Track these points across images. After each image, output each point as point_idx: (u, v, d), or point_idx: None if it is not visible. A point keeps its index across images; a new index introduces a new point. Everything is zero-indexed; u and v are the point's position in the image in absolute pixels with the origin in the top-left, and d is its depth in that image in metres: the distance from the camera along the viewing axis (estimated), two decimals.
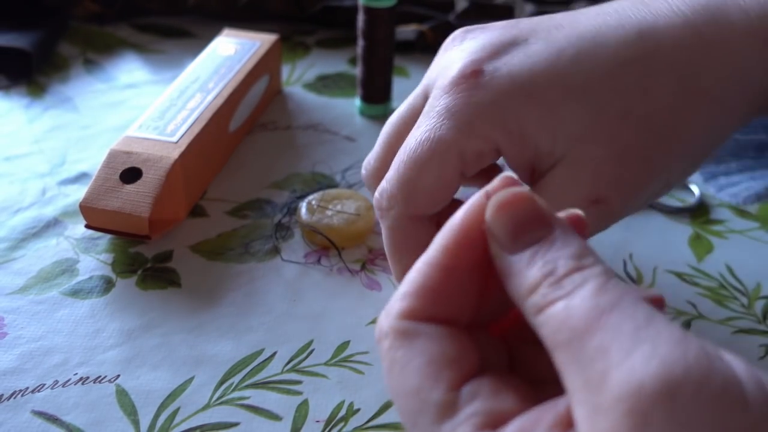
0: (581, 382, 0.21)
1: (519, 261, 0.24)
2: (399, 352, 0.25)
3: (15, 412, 0.34)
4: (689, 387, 0.19)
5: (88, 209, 0.42)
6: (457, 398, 0.23)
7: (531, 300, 0.23)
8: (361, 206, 0.44)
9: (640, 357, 0.19)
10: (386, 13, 0.51)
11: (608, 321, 0.21)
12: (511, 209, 0.24)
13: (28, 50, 0.57)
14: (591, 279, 0.22)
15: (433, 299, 0.25)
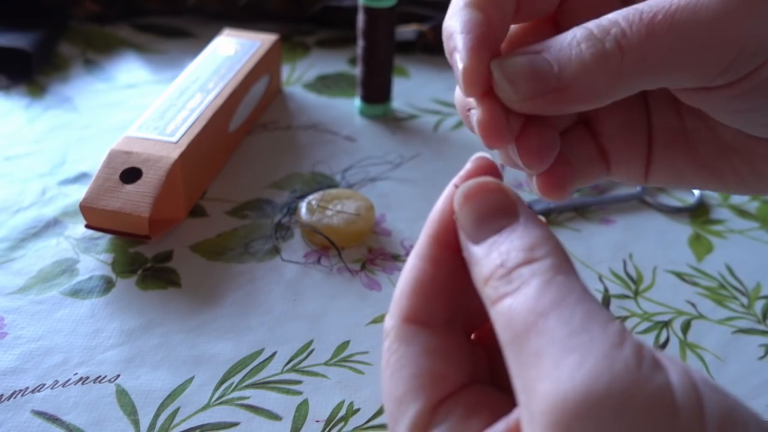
0: (521, 384, 0.21)
1: (479, 250, 0.24)
2: (393, 356, 0.25)
3: (15, 411, 0.34)
4: (613, 400, 0.18)
5: (89, 209, 0.42)
6: (432, 417, 0.24)
7: (485, 291, 0.23)
8: (361, 206, 0.44)
9: (567, 368, 0.19)
10: (386, 13, 0.51)
11: (544, 325, 0.20)
12: (476, 199, 0.24)
13: (28, 50, 0.57)
14: (537, 275, 0.22)
15: (430, 294, 0.25)
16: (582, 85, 0.25)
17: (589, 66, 0.25)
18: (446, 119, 0.56)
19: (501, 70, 0.26)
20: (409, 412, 0.24)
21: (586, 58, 0.25)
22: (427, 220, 0.26)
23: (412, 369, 0.24)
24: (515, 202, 0.24)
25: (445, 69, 0.61)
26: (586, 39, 0.25)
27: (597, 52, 0.25)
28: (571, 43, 0.25)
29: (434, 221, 0.26)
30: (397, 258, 0.43)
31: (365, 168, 0.50)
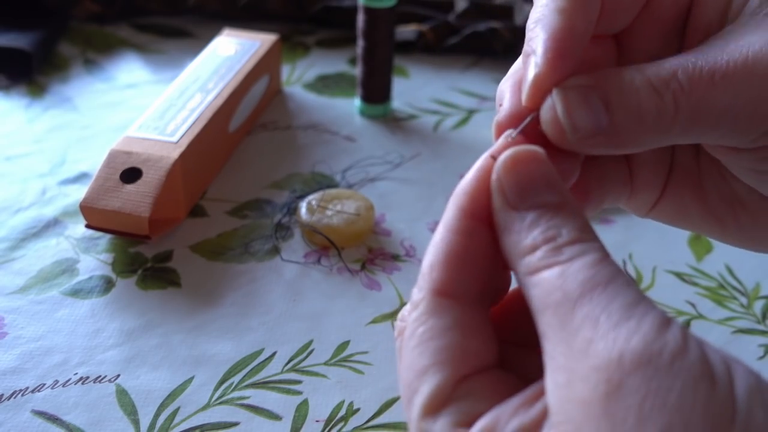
0: (564, 347, 0.21)
1: (522, 219, 0.24)
2: (421, 327, 0.25)
3: (15, 411, 0.34)
4: (664, 363, 0.20)
5: (89, 209, 0.42)
6: (451, 393, 0.24)
7: (526, 259, 0.23)
8: (361, 206, 0.44)
9: (624, 331, 0.20)
10: (386, 13, 0.51)
11: (602, 293, 0.21)
12: (526, 166, 0.24)
13: (28, 50, 0.57)
14: (591, 252, 0.23)
15: (462, 267, 0.25)
16: (631, 132, 0.25)
17: (644, 117, 0.25)
18: (446, 119, 0.56)
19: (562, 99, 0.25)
20: (431, 382, 0.24)
21: (643, 109, 0.25)
22: (454, 193, 0.26)
23: (441, 342, 0.24)
24: (561, 182, 0.25)
25: (445, 69, 0.61)
26: (645, 88, 0.25)
27: (654, 105, 0.25)
28: (629, 89, 0.25)
29: (465, 193, 0.26)
30: (397, 258, 0.43)
31: (365, 168, 0.50)
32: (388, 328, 0.39)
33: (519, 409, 0.22)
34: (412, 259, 0.43)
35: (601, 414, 0.20)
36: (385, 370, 0.37)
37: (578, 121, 0.25)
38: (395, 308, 0.40)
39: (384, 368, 0.37)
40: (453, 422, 0.23)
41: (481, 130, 0.55)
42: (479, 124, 0.55)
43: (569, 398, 0.21)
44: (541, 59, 0.26)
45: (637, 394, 0.19)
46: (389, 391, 0.36)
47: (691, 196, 0.32)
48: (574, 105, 0.25)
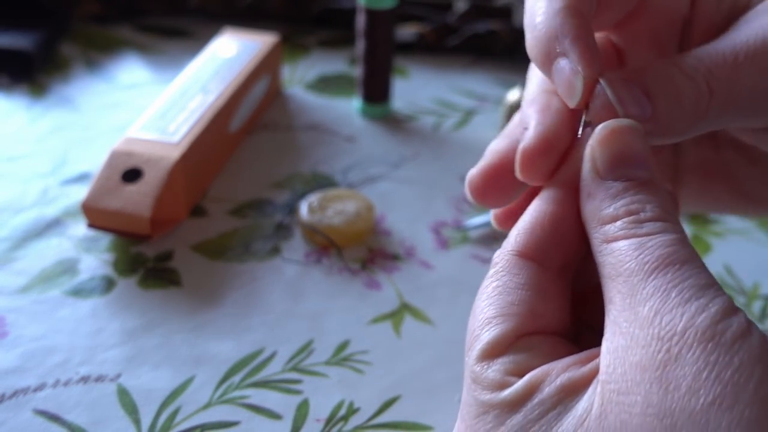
0: (629, 314, 0.22)
1: (609, 188, 0.24)
2: (495, 283, 0.26)
3: (17, 411, 0.34)
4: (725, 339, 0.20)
5: (90, 209, 0.42)
6: (511, 344, 0.24)
7: (605, 228, 0.24)
8: (361, 206, 0.45)
9: (692, 308, 0.21)
10: (386, 14, 0.51)
11: (677, 270, 0.22)
12: (621, 138, 0.25)
13: (29, 51, 0.57)
14: (671, 231, 0.23)
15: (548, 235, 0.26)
16: (673, 119, 0.25)
17: (683, 102, 0.25)
18: (446, 119, 0.56)
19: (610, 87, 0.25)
20: (493, 331, 0.24)
21: (681, 94, 0.25)
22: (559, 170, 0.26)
23: (511, 297, 0.25)
24: (652, 159, 0.25)
25: (445, 69, 0.61)
26: (679, 75, 0.25)
27: (690, 89, 0.25)
28: (665, 76, 0.25)
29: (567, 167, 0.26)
30: (397, 258, 0.44)
31: (365, 168, 0.50)
32: (389, 327, 0.39)
33: (571, 366, 0.23)
34: (412, 259, 0.44)
35: (654, 380, 0.20)
36: (385, 370, 0.37)
37: (630, 110, 0.25)
38: (395, 308, 0.41)
39: (384, 368, 0.37)
40: (505, 370, 0.24)
41: (481, 130, 0.55)
42: (479, 124, 0.55)
43: (625, 360, 0.21)
44: (579, 59, 0.25)
45: (695, 365, 0.20)
46: (389, 391, 0.36)
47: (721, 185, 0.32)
48: (623, 94, 0.25)
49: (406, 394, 0.36)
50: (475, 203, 0.30)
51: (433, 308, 0.41)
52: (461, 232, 0.46)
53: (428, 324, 0.40)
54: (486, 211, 0.47)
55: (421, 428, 0.34)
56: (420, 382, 0.36)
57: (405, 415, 0.35)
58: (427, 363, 0.37)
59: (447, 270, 0.43)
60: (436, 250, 0.44)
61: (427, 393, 0.36)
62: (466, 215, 0.47)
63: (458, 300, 0.41)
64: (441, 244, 0.45)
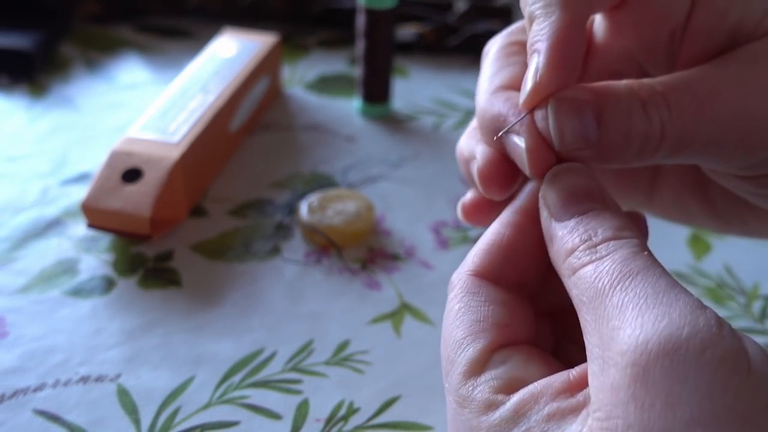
0: (597, 338, 0.22)
1: (563, 227, 0.25)
2: (457, 305, 0.26)
3: (16, 411, 0.34)
4: (693, 348, 0.20)
5: (90, 209, 0.42)
6: (488, 359, 0.25)
7: (567, 262, 0.24)
8: (361, 206, 0.45)
9: (651, 317, 0.21)
10: (386, 14, 0.51)
11: (630, 284, 0.22)
12: (566, 179, 0.26)
13: (29, 51, 0.57)
14: (624, 247, 0.23)
15: (504, 257, 0.27)
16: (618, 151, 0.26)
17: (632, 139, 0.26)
18: (446, 119, 0.56)
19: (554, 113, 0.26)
20: (467, 353, 0.25)
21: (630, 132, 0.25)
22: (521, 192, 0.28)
23: (474, 315, 0.26)
24: (601, 190, 0.26)
25: (445, 69, 0.61)
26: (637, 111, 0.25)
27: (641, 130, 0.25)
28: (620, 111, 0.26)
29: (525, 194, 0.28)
30: (397, 258, 0.44)
31: (365, 168, 0.50)
32: (389, 327, 0.39)
33: (560, 394, 0.23)
34: (412, 259, 0.44)
35: (629, 398, 0.20)
36: (385, 370, 0.37)
37: (567, 134, 0.26)
38: (395, 308, 0.41)
39: (384, 368, 0.37)
40: (491, 388, 0.24)
41: None
42: None
43: (602, 385, 0.21)
44: (543, 65, 0.26)
45: (666, 379, 0.19)
46: (389, 391, 0.36)
47: (693, 197, 0.33)
48: (568, 120, 0.26)
49: (406, 394, 0.36)
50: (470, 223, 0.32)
51: (433, 308, 0.41)
52: (461, 232, 0.46)
53: (428, 324, 0.40)
54: None
55: (421, 428, 0.34)
56: (420, 382, 0.36)
57: (405, 415, 0.35)
58: (427, 363, 0.37)
59: (447, 270, 0.43)
60: (436, 250, 0.44)
61: (427, 393, 0.36)
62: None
63: None
64: (441, 244, 0.45)
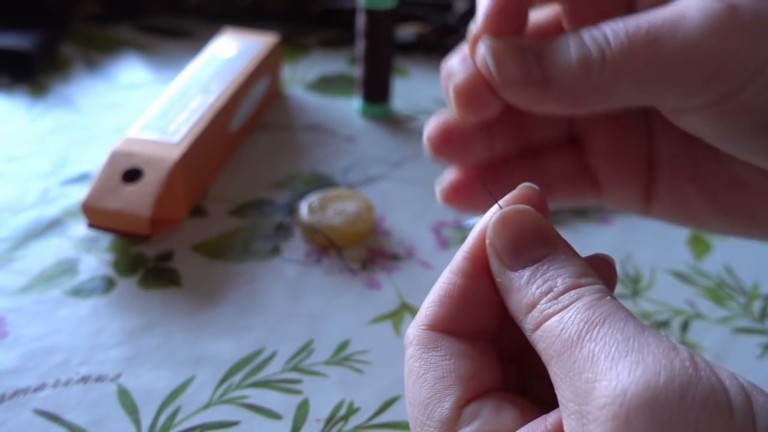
0: (571, 392, 0.21)
1: (520, 278, 0.24)
2: (417, 362, 0.25)
3: (17, 411, 0.34)
4: (673, 393, 0.19)
5: (90, 209, 0.42)
6: (459, 416, 0.24)
7: (530, 316, 0.23)
8: (361, 206, 0.45)
9: (626, 366, 0.20)
10: (386, 14, 0.51)
11: (599, 333, 0.21)
12: (514, 226, 0.25)
13: (29, 51, 0.57)
14: (587, 295, 0.22)
15: (458, 307, 0.26)
16: (564, 85, 0.26)
17: (573, 68, 0.26)
18: None
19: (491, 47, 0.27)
20: (436, 414, 0.24)
21: (571, 60, 0.26)
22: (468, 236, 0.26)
23: (437, 372, 0.25)
24: (553, 232, 0.25)
25: None
26: (575, 44, 0.26)
27: (581, 56, 0.26)
28: (561, 45, 0.26)
29: (472, 237, 0.26)
30: (397, 258, 0.44)
31: (365, 168, 0.50)
32: (389, 327, 0.39)
33: None
34: (412, 259, 0.44)
35: None
36: (385, 370, 0.37)
37: (508, 71, 0.26)
38: (395, 308, 0.41)
39: (384, 368, 0.37)
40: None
41: None
42: None
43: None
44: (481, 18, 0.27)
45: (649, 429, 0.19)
46: (389, 391, 0.36)
47: (693, 187, 0.32)
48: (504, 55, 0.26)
49: None
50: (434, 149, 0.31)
51: None
52: (461, 232, 0.46)
53: None
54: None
55: None
56: None
57: (405, 415, 0.35)
58: None
59: None
60: (436, 250, 0.44)
61: None
62: (466, 215, 0.47)
63: None
64: (441, 244, 0.45)
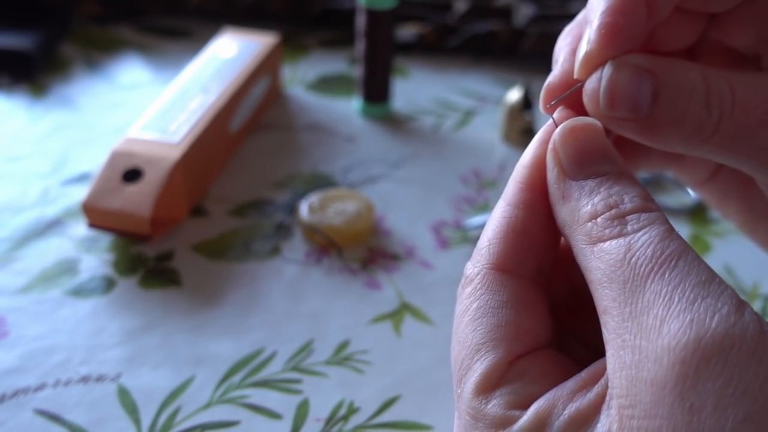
0: (632, 324, 0.20)
1: (582, 186, 0.23)
2: (476, 302, 0.24)
3: (17, 411, 0.34)
4: (745, 346, 0.19)
5: (91, 209, 0.42)
6: (506, 372, 0.23)
7: (587, 227, 0.22)
8: (361, 206, 0.45)
9: (702, 311, 0.19)
10: (386, 14, 0.51)
11: (674, 269, 0.20)
12: (583, 135, 0.24)
13: (30, 51, 0.57)
14: (657, 223, 0.22)
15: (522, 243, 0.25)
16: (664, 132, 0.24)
17: (683, 124, 0.24)
18: (446, 119, 0.56)
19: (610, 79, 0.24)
20: (486, 361, 0.23)
21: (687, 115, 0.23)
22: (516, 166, 0.25)
23: (496, 318, 0.24)
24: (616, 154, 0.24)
25: (445, 69, 0.61)
26: (699, 95, 0.23)
27: (698, 116, 0.23)
28: (685, 88, 0.23)
29: (524, 166, 0.25)
30: (397, 258, 0.44)
31: (365, 168, 0.50)
32: (389, 327, 0.39)
33: (576, 393, 0.22)
34: (412, 259, 0.44)
35: (675, 398, 0.19)
36: (385, 370, 0.37)
37: (618, 99, 0.24)
38: (395, 308, 0.41)
39: (384, 368, 0.37)
40: (506, 403, 0.23)
41: (481, 130, 0.55)
42: (479, 124, 0.55)
43: (638, 378, 0.20)
44: (595, 35, 0.24)
45: (718, 379, 0.18)
46: (389, 390, 0.36)
47: (736, 191, 0.31)
48: (623, 83, 0.24)
49: (406, 394, 0.36)
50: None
51: (433, 308, 0.41)
52: (461, 232, 0.46)
53: (428, 324, 0.40)
54: (486, 211, 0.47)
55: (421, 428, 0.34)
56: (420, 382, 0.36)
57: (405, 415, 0.35)
58: (427, 363, 0.37)
59: (447, 270, 0.43)
60: (436, 250, 0.44)
61: (427, 393, 0.36)
62: (466, 215, 0.47)
63: None
64: (441, 244, 0.45)
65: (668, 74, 0.24)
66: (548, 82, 0.27)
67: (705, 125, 0.24)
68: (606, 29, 0.24)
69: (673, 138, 0.24)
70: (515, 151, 0.53)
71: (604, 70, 0.24)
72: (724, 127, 0.24)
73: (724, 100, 0.24)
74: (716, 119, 0.24)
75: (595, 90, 0.24)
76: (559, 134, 0.24)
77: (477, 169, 0.51)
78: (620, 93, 0.24)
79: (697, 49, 0.29)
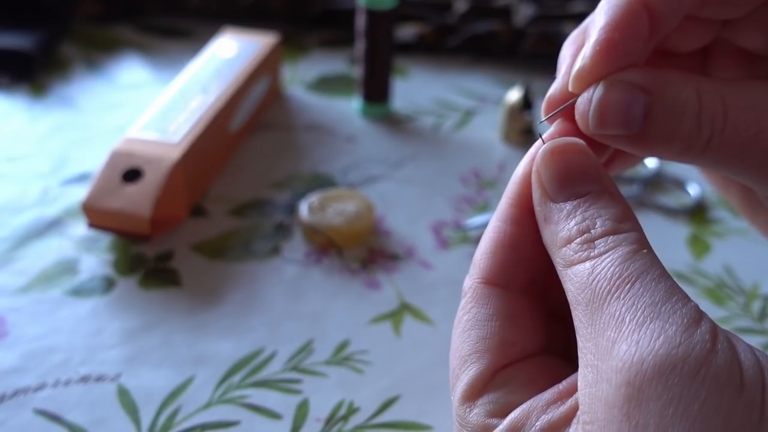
0: (591, 345, 0.21)
1: (560, 210, 0.24)
2: (466, 316, 0.26)
3: (17, 410, 0.34)
4: (687, 369, 0.19)
5: (90, 209, 0.42)
6: (489, 381, 0.24)
7: (563, 251, 0.23)
8: (361, 206, 0.45)
9: (648, 333, 0.20)
10: (386, 14, 0.51)
11: (629, 291, 0.21)
12: (563, 157, 0.24)
13: (29, 51, 0.57)
14: (624, 245, 0.22)
15: (510, 257, 0.26)
16: (655, 147, 0.24)
17: (674, 140, 0.24)
18: (446, 119, 0.56)
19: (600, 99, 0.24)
20: (470, 371, 0.25)
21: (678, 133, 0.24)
22: (509, 182, 0.26)
23: (481, 331, 0.25)
24: (600, 170, 0.24)
25: (445, 69, 0.61)
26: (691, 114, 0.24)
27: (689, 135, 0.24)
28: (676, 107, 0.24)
29: (516, 182, 0.26)
30: (397, 258, 0.44)
31: (365, 168, 0.50)
32: (388, 327, 0.39)
33: (550, 405, 0.23)
34: (412, 259, 0.44)
35: (623, 417, 0.20)
36: (385, 370, 0.37)
37: (609, 121, 0.24)
38: (395, 308, 0.41)
39: (384, 368, 0.37)
40: (486, 412, 0.24)
41: (481, 130, 0.55)
42: (479, 124, 0.55)
43: (595, 397, 0.21)
44: (590, 51, 0.24)
45: (659, 400, 0.19)
46: (389, 390, 0.36)
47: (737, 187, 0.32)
48: (614, 103, 0.24)
49: (405, 394, 0.36)
50: None
51: (433, 308, 0.41)
52: (461, 232, 0.46)
53: (428, 324, 0.40)
54: (486, 211, 0.47)
55: (421, 428, 0.34)
56: (420, 382, 0.36)
57: (405, 415, 0.35)
58: (427, 363, 0.37)
59: (447, 270, 0.43)
60: (436, 250, 0.44)
61: (427, 393, 0.36)
62: (466, 215, 0.47)
63: (458, 300, 0.41)
64: (441, 244, 0.45)
65: (662, 92, 0.24)
66: (548, 94, 0.27)
67: (695, 142, 0.24)
68: (601, 46, 0.24)
69: (664, 153, 0.25)
70: (515, 151, 0.53)
71: (595, 90, 0.24)
72: (714, 145, 0.24)
73: (716, 119, 0.24)
74: (707, 137, 0.24)
75: (585, 110, 0.25)
76: (540, 156, 0.25)
77: (477, 169, 0.51)
78: (610, 113, 0.24)
79: (710, 49, 0.30)
